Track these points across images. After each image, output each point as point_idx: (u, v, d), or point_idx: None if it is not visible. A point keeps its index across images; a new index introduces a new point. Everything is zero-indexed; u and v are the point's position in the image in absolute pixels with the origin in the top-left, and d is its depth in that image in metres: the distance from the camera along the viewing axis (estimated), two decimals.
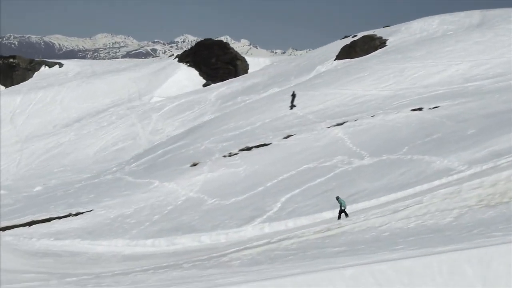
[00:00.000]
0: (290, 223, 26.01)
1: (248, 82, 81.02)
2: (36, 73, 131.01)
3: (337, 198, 23.72)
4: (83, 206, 37.48)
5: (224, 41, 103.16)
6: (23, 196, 51.92)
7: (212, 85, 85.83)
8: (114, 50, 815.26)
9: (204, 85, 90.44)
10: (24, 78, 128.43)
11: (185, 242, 26.98)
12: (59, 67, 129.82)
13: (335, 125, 43.27)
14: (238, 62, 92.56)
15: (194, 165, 42.40)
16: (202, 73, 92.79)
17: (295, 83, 68.43)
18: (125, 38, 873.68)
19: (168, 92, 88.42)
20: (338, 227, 21.31)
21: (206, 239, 26.82)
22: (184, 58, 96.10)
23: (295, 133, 43.86)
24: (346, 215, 23.17)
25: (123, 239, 28.63)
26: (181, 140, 54.90)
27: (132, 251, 26.75)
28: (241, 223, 28.25)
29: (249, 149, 42.26)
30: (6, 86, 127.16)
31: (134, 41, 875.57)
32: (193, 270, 17.37)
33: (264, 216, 28.47)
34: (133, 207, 35.02)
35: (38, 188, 60.04)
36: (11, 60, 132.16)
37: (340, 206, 23.32)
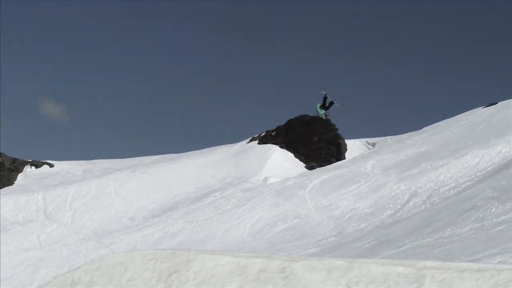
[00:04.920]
0: None
1: (405, 152, 66.87)
2: (20, 174, 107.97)
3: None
4: None
5: None
6: None
7: (356, 156, 70.39)
8: None
9: (309, 168, 74.42)
10: (10, 181, 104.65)
11: None
12: (50, 167, 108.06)
13: None
14: (341, 142, 77.79)
15: None
16: (298, 155, 76.93)
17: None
18: None
19: (275, 173, 72.04)
20: None
21: None
22: (270, 139, 79.96)
23: None
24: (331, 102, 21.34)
25: None
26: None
27: None
28: None
29: None
30: None
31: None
32: None
33: None
34: None
35: None
36: None
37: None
